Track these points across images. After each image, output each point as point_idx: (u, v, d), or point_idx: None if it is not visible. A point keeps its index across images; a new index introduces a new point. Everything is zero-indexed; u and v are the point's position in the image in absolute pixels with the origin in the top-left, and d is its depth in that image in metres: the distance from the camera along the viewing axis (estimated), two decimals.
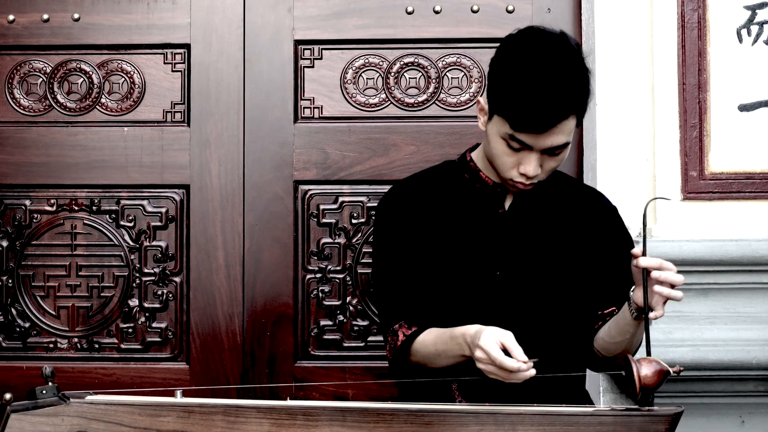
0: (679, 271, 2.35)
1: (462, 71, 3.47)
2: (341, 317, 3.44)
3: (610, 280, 2.61)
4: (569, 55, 2.49)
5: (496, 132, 2.52)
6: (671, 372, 2.11)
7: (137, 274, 3.47)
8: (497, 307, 2.59)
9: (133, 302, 3.47)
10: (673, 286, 2.31)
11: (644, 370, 2.09)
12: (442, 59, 3.47)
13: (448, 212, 2.69)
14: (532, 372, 2.29)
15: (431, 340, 2.57)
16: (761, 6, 3.22)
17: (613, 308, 2.60)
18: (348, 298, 3.44)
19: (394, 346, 2.65)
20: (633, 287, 2.43)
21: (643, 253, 2.30)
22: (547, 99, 2.42)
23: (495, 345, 2.31)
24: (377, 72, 3.47)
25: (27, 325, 3.48)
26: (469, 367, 2.42)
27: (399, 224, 2.71)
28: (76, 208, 3.48)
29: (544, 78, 2.43)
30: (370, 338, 3.43)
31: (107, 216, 3.47)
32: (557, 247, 2.66)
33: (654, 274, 2.29)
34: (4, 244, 3.49)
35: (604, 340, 2.59)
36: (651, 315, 2.28)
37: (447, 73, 3.47)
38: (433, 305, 2.65)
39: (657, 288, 2.29)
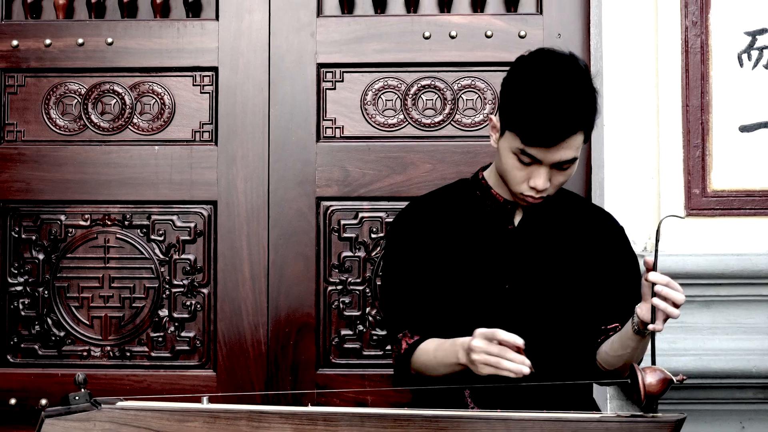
0: (682, 284, 2.32)
1: (476, 93, 3.48)
2: (361, 327, 3.46)
3: (615, 298, 2.61)
4: (578, 74, 2.49)
5: (508, 147, 2.52)
6: (675, 380, 2.12)
7: (167, 286, 3.50)
8: (506, 319, 2.55)
9: (163, 312, 3.50)
10: (676, 306, 2.29)
11: (649, 378, 2.11)
12: (457, 82, 3.48)
13: (461, 228, 2.69)
14: (527, 370, 2.27)
15: (432, 348, 2.58)
16: (761, 32, 3.23)
17: (617, 324, 2.59)
18: (367, 309, 3.46)
19: (399, 354, 2.66)
20: (640, 303, 2.41)
21: (654, 268, 2.29)
22: (556, 115, 2.42)
23: (489, 331, 2.32)
24: (396, 94, 3.49)
25: (62, 334, 3.51)
26: (482, 376, 2.42)
27: (412, 238, 2.71)
28: (109, 222, 3.51)
29: (553, 95, 2.43)
30: (388, 347, 3.41)
31: (138, 230, 3.50)
32: (564, 263, 2.64)
33: (657, 288, 2.28)
34: (41, 257, 3.52)
35: (607, 353, 2.58)
36: (649, 327, 2.28)
37: (462, 95, 3.48)
38: (444, 317, 2.64)
39: (655, 301, 2.28)
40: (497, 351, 2.30)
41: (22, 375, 3.51)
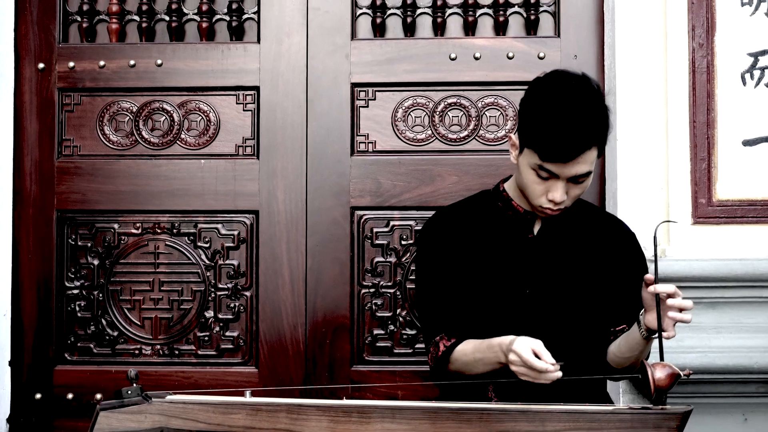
0: (689, 287, 2.38)
1: (499, 110, 3.55)
2: (392, 327, 3.53)
3: (624, 301, 2.67)
4: (590, 93, 2.54)
5: (527, 163, 2.57)
6: (682, 375, 2.18)
7: (212, 289, 3.57)
8: (526, 321, 2.64)
9: (209, 314, 3.58)
10: (681, 310, 2.35)
11: (658, 373, 2.17)
12: (481, 100, 3.55)
13: (483, 236, 2.74)
14: (559, 374, 2.34)
15: (470, 349, 2.62)
16: (763, 53, 3.28)
17: (624, 326, 2.66)
18: (398, 310, 3.53)
19: (436, 356, 2.70)
20: (642, 311, 2.47)
21: (656, 278, 2.34)
22: (571, 132, 2.47)
23: (527, 349, 2.37)
24: (424, 111, 3.56)
25: (115, 333, 3.60)
26: (504, 372, 2.49)
27: (440, 247, 2.76)
28: (159, 230, 3.59)
29: (568, 113, 2.48)
30: (417, 345, 3.50)
31: (186, 238, 3.59)
32: (580, 269, 2.70)
33: (669, 302, 2.33)
34: (96, 262, 3.60)
35: (615, 354, 2.65)
36: (665, 335, 2.31)
37: (485, 112, 3.55)
38: (470, 319, 2.69)
39: (671, 314, 2.33)
40: (533, 375, 2.39)
41: (78, 372, 3.60)
